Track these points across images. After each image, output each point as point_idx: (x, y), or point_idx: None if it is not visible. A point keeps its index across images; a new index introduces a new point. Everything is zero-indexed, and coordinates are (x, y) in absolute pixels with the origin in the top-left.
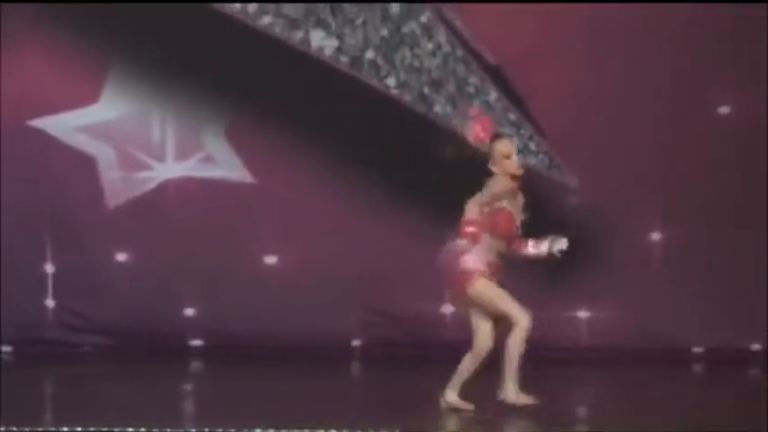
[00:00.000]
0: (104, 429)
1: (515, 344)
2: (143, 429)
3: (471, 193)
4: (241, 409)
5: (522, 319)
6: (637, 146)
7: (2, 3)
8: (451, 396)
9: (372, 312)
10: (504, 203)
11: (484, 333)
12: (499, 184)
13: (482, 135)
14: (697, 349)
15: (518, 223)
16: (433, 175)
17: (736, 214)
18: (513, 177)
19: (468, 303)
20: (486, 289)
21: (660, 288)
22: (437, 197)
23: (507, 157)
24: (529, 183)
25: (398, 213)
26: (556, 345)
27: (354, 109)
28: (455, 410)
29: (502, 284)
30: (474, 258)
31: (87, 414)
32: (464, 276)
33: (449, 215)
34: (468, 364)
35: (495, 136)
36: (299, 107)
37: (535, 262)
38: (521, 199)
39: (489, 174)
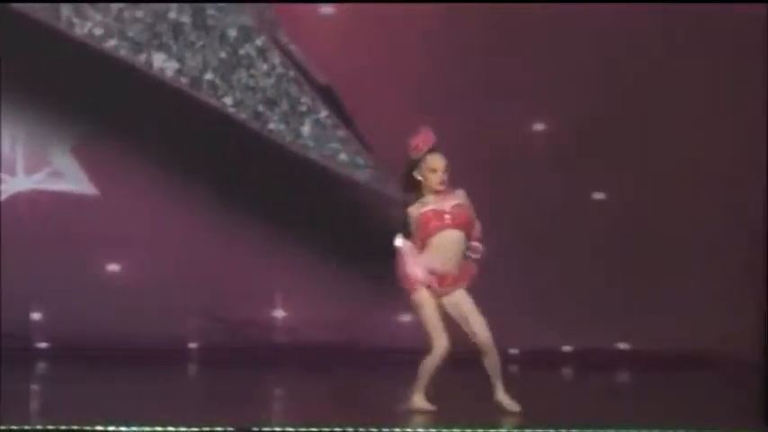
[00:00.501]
0: None
1: (428, 363)
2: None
3: (306, 207)
4: (79, 406)
5: (438, 343)
6: (456, 160)
7: None
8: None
9: (208, 317)
10: (428, 207)
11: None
12: (413, 225)
13: (421, 146)
14: (513, 351)
15: (445, 213)
16: (267, 188)
17: (548, 218)
18: (435, 192)
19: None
20: (420, 302)
21: (476, 294)
22: (270, 209)
23: (433, 171)
24: (356, 196)
25: (234, 224)
26: (380, 347)
27: (195, 126)
28: (420, 412)
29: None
30: (414, 265)
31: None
32: (408, 283)
33: (281, 226)
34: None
35: (431, 150)
36: (142, 125)
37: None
38: (457, 193)
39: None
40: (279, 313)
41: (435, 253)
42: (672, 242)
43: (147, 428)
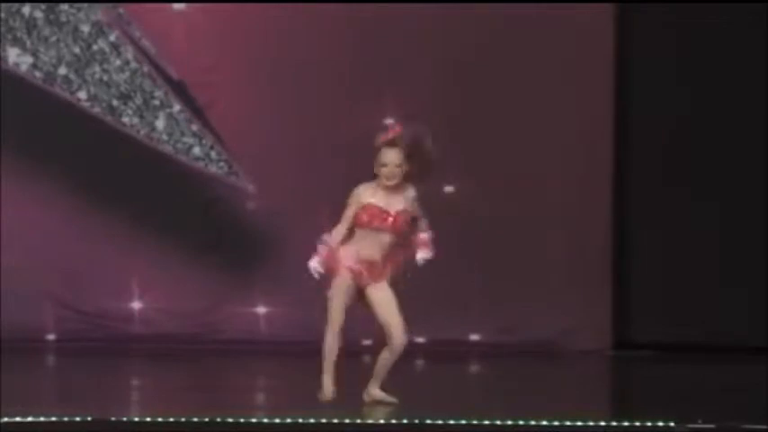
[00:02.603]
0: None
1: (329, 341)
2: None
3: (161, 200)
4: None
5: (329, 331)
6: (307, 153)
7: None
8: (374, 390)
9: (65, 308)
10: (372, 200)
11: (397, 328)
12: (351, 204)
13: (382, 138)
14: (419, 340)
15: (389, 216)
16: (123, 181)
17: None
18: (385, 186)
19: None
20: (334, 290)
21: None
22: (127, 202)
23: (383, 165)
24: (209, 189)
25: (92, 214)
26: (236, 338)
27: (50, 120)
28: (379, 404)
29: (394, 281)
30: (347, 252)
31: None
32: (328, 266)
33: (137, 219)
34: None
35: (389, 143)
36: None
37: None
38: (406, 194)
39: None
40: (136, 304)
41: (362, 244)
42: (522, 235)
43: (6, 419)
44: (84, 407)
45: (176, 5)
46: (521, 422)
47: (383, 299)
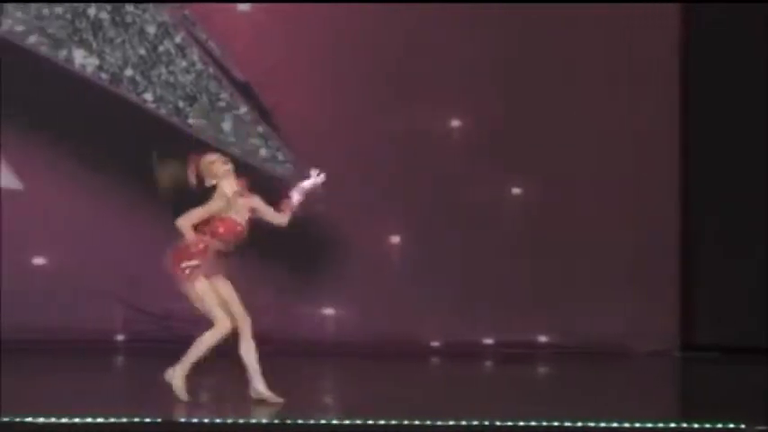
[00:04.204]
0: None
1: (206, 339)
2: None
3: None
4: (9, 399)
5: (221, 324)
6: (372, 157)
7: None
8: (178, 379)
9: (134, 309)
10: (228, 213)
11: (222, 317)
12: (216, 203)
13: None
14: (434, 344)
15: (243, 224)
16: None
17: (467, 218)
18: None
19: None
20: (202, 290)
21: (398, 287)
22: (193, 205)
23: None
24: (278, 191)
25: (156, 218)
26: (302, 338)
27: (115, 121)
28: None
29: (228, 277)
30: (182, 253)
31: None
32: (185, 272)
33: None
34: (203, 346)
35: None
36: (64, 120)
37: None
38: (248, 201)
39: None
40: None
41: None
42: (589, 237)
43: (78, 420)
44: (154, 408)
45: (241, 6)
46: (590, 423)
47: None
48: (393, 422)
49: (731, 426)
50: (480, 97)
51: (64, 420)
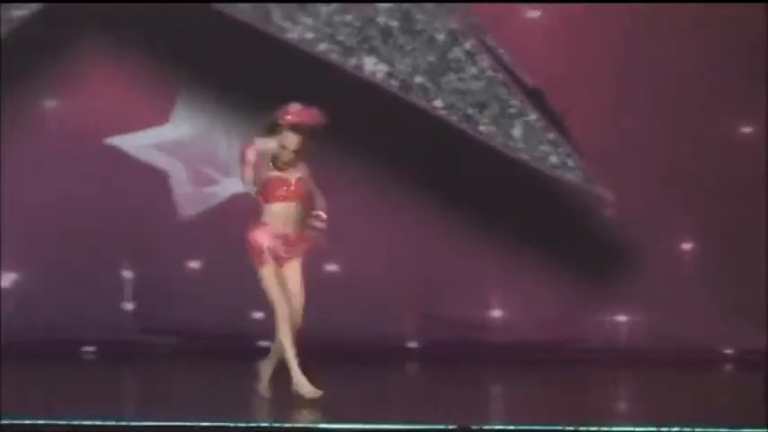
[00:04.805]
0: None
1: (281, 337)
2: (220, 423)
3: (518, 208)
4: (299, 403)
5: (280, 308)
6: (668, 160)
7: (77, 28)
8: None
9: (427, 317)
10: (275, 174)
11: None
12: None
13: (290, 117)
14: (728, 351)
15: (290, 186)
16: (480, 189)
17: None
18: (279, 165)
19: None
20: (264, 277)
21: (691, 294)
22: (484, 210)
23: (283, 147)
24: (566, 197)
25: (449, 225)
26: (595, 346)
27: (406, 128)
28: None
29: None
30: (262, 233)
31: (163, 407)
32: (255, 253)
33: (494, 226)
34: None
35: (295, 128)
36: (355, 127)
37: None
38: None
39: None
40: (495, 312)
41: (275, 220)
42: None
43: (370, 426)
44: (448, 414)
45: (530, 12)
46: None
47: (293, 273)
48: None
49: None
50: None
51: (357, 426)
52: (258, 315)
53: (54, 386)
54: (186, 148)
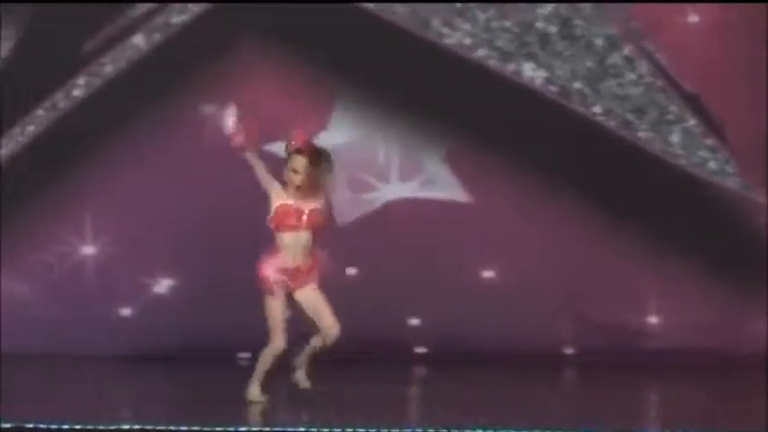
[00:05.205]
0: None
1: (265, 354)
2: (373, 429)
3: (675, 214)
4: (458, 409)
5: (276, 344)
6: None
7: (237, 34)
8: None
9: (584, 322)
10: (289, 202)
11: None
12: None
13: (293, 142)
14: None
15: (303, 214)
16: (638, 195)
17: None
18: (295, 188)
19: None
20: (268, 306)
21: None
22: (640, 216)
23: (295, 172)
24: (725, 203)
25: (605, 230)
26: (752, 353)
27: (563, 134)
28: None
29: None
30: (268, 265)
31: (333, 412)
32: (261, 282)
33: (650, 232)
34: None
35: (299, 150)
36: (511, 133)
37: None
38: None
39: None
40: (652, 318)
41: (285, 250)
42: None
43: None
44: (602, 421)
45: (690, 17)
46: None
47: (310, 299)
48: None
49: None
50: None
51: None
52: (415, 321)
53: (211, 392)
54: (344, 155)
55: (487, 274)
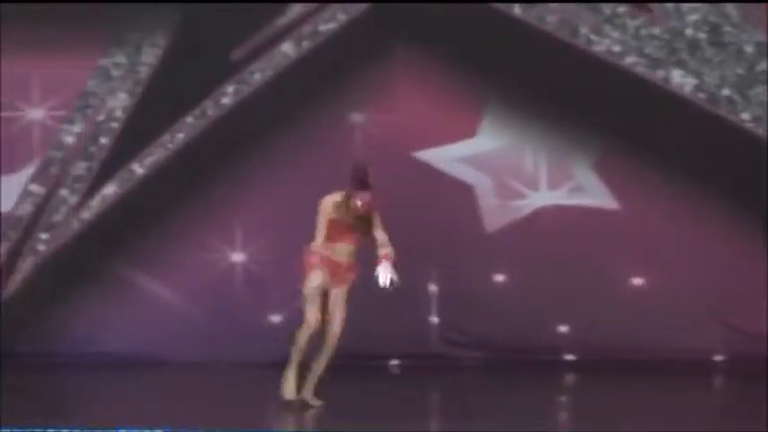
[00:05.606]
0: None
1: (298, 336)
2: None
3: None
4: (607, 417)
5: (310, 319)
6: None
7: (386, 42)
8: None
9: (733, 330)
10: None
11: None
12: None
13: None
14: None
15: (348, 230)
16: None
17: None
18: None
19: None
20: (309, 279)
21: None
22: None
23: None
24: None
25: (754, 237)
26: None
27: (711, 141)
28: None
29: (349, 283)
30: (313, 250)
31: (470, 419)
32: (306, 260)
33: None
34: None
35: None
36: (659, 140)
37: None
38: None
39: None
40: None
41: (334, 248)
42: None
43: None
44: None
45: None
46: None
47: (336, 298)
48: None
49: None
50: None
51: None
52: (564, 329)
53: (361, 399)
54: (492, 162)
55: (637, 281)
